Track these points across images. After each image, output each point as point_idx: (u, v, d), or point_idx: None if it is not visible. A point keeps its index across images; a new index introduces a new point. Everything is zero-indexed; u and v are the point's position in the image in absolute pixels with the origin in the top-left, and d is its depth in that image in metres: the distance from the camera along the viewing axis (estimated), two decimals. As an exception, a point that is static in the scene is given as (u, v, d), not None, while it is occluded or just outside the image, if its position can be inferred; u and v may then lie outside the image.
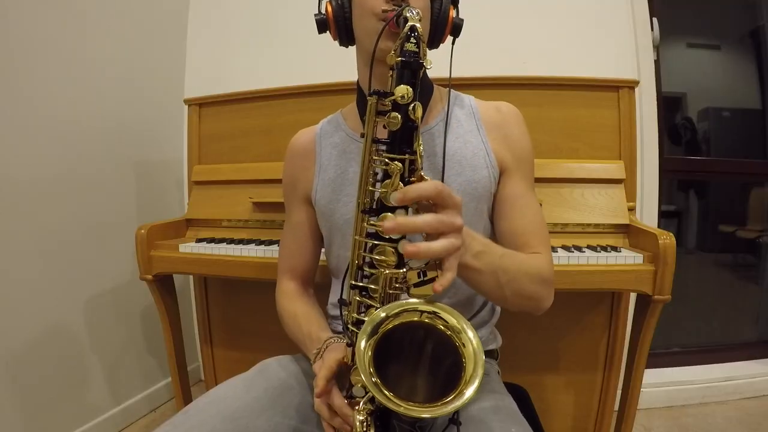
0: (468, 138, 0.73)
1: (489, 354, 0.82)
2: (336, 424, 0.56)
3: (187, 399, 1.39)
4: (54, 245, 1.33)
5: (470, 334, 0.47)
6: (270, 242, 1.20)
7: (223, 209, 1.36)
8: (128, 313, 1.61)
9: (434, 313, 0.48)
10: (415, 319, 0.48)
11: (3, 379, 1.20)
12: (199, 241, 1.27)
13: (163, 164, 1.74)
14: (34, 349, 1.28)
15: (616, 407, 1.19)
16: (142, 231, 1.22)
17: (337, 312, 0.79)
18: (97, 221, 1.46)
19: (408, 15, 0.53)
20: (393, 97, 0.50)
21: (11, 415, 1.22)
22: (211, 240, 1.26)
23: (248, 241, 1.23)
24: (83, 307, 1.43)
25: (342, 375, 0.58)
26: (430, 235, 0.49)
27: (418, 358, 0.52)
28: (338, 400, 0.56)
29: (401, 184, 0.50)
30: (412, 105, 0.50)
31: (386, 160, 0.50)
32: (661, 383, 1.65)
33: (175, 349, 1.34)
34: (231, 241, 1.24)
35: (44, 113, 1.29)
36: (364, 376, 0.44)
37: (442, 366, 0.49)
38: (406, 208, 0.50)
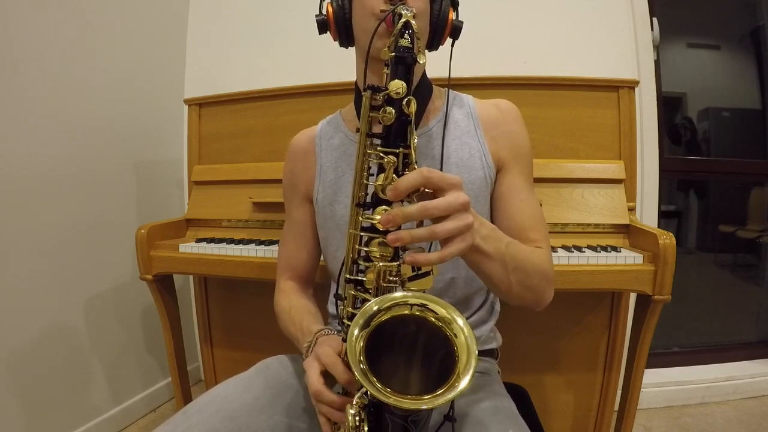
0: (465, 139, 0.73)
1: (489, 353, 0.82)
2: (336, 417, 0.54)
3: (187, 399, 1.40)
4: (54, 245, 1.33)
5: (460, 322, 0.46)
6: (270, 242, 1.20)
7: (223, 209, 1.36)
8: (128, 313, 1.61)
9: (424, 305, 0.48)
10: (406, 312, 0.48)
11: (3, 378, 1.20)
12: (199, 241, 1.27)
13: (163, 164, 1.75)
14: (34, 349, 1.28)
15: (616, 407, 1.19)
16: (142, 231, 1.22)
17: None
18: (97, 221, 1.46)
19: (402, 12, 0.54)
20: (387, 92, 0.50)
21: (11, 414, 1.22)
22: (211, 240, 1.27)
23: (248, 241, 1.23)
24: (83, 307, 1.43)
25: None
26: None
27: (410, 351, 0.52)
28: (330, 397, 0.54)
29: (395, 177, 0.50)
30: (406, 99, 0.50)
31: (380, 154, 0.51)
32: (661, 383, 1.64)
33: (175, 349, 1.34)
34: (231, 241, 1.24)
35: (44, 113, 1.29)
36: (355, 368, 0.43)
37: (434, 358, 0.49)
38: (402, 201, 0.50)
